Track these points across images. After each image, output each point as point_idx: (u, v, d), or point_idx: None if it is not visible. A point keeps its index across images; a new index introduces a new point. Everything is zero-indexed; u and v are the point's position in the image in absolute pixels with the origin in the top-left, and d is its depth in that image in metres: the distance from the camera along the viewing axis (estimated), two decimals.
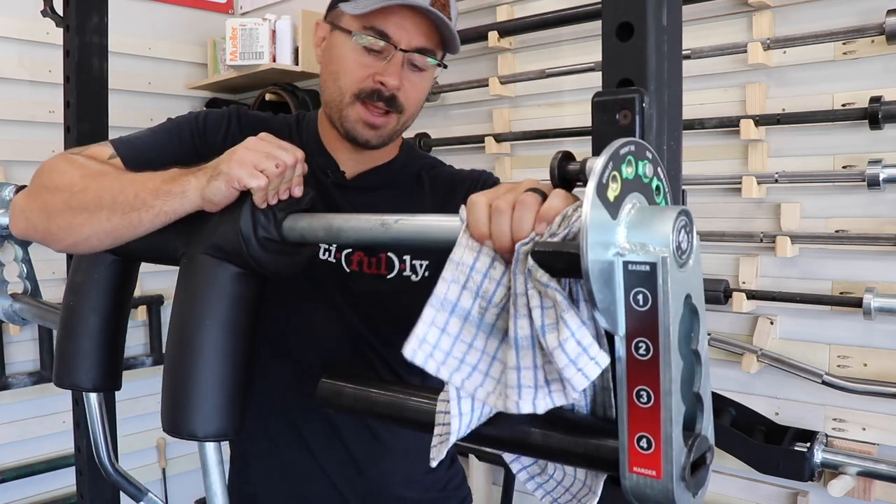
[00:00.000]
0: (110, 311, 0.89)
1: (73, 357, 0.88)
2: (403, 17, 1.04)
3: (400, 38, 1.05)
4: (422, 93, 1.11)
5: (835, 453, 1.64)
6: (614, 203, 0.50)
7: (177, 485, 2.99)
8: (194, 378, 0.71)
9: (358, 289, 1.11)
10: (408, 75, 1.07)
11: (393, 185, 1.17)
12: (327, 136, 1.18)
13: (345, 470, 1.14)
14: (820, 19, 1.69)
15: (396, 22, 1.04)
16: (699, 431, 0.53)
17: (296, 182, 0.81)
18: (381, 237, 0.64)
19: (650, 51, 0.55)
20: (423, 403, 0.73)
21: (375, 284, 1.11)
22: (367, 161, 1.17)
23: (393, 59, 1.05)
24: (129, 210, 0.82)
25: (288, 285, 1.01)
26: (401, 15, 1.04)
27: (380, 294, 1.11)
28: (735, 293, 1.77)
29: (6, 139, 2.54)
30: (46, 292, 1.51)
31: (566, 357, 0.51)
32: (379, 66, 1.05)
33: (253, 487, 1.18)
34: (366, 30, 1.05)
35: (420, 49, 1.06)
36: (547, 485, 0.65)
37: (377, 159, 1.17)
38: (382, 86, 1.05)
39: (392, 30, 1.04)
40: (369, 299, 1.11)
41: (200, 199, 0.78)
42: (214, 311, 0.73)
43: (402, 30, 1.05)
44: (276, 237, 0.72)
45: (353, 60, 1.07)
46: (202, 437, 0.72)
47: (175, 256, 0.77)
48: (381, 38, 1.05)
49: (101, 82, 1.29)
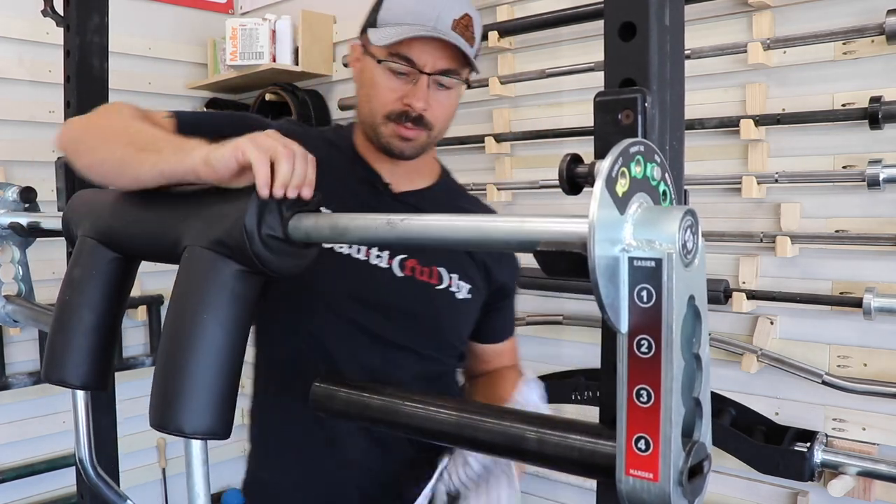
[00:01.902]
0: (106, 309, 0.88)
1: (64, 352, 0.87)
2: (426, 43, 1.12)
3: (424, 62, 1.13)
4: (449, 108, 1.19)
5: (835, 453, 1.64)
6: (622, 199, 0.50)
7: (177, 485, 2.99)
8: (187, 372, 0.71)
9: (406, 294, 1.19)
10: (435, 95, 1.16)
11: (437, 206, 1.24)
12: (365, 148, 1.26)
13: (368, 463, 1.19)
14: (820, 19, 1.69)
15: (420, 48, 1.13)
16: (697, 438, 0.53)
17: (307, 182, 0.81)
18: (387, 236, 0.64)
19: (653, 51, 0.55)
20: (414, 408, 0.73)
21: (424, 292, 1.19)
22: (407, 178, 1.25)
23: (419, 83, 1.14)
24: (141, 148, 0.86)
25: (334, 285, 1.15)
26: (424, 41, 1.12)
27: (426, 301, 1.20)
28: (735, 293, 1.77)
29: (6, 139, 2.54)
30: (45, 292, 1.51)
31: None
32: (406, 89, 1.14)
33: (269, 474, 1.26)
34: (391, 56, 1.14)
35: (444, 71, 1.14)
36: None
37: (416, 180, 1.27)
38: (410, 108, 1.14)
39: (416, 55, 1.13)
40: (415, 306, 1.20)
41: (202, 162, 0.79)
42: (212, 307, 0.72)
43: (425, 54, 1.13)
44: (280, 235, 0.72)
45: (383, 85, 1.16)
46: (189, 434, 0.71)
47: (176, 251, 0.77)
48: (407, 63, 1.13)
49: (101, 82, 1.29)
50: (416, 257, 1.19)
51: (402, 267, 1.18)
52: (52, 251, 1.88)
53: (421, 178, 1.27)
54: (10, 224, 1.26)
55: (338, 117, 2.78)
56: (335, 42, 2.76)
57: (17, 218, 1.26)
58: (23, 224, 1.25)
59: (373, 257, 1.18)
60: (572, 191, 0.57)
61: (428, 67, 1.13)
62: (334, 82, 2.79)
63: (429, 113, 1.15)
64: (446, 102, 1.17)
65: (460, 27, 1.12)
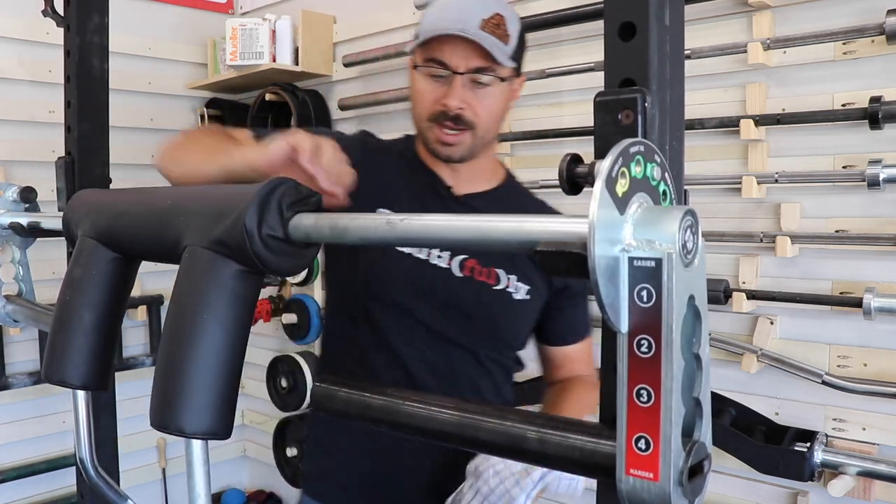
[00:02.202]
0: (106, 309, 0.88)
1: (64, 352, 0.87)
2: (456, 44, 1.17)
3: (457, 63, 1.18)
4: (491, 107, 1.22)
5: (835, 453, 1.64)
6: (622, 199, 0.50)
7: (177, 485, 2.99)
8: (187, 372, 0.71)
9: (464, 293, 1.23)
10: (473, 93, 1.20)
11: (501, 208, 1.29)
12: (426, 153, 1.31)
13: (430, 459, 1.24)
14: (820, 19, 1.69)
15: (450, 49, 1.17)
16: (697, 438, 0.53)
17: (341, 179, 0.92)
18: (387, 236, 0.64)
19: (652, 50, 0.55)
20: (415, 408, 0.73)
21: (481, 291, 1.24)
22: (469, 180, 1.30)
23: (453, 83, 1.18)
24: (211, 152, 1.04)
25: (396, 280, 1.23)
26: (454, 42, 1.16)
27: (484, 301, 1.24)
28: (735, 293, 1.77)
29: (6, 139, 2.54)
30: (46, 292, 1.51)
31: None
32: (442, 90, 1.20)
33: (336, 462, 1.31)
34: (426, 62, 1.20)
35: (477, 69, 1.18)
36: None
37: (479, 182, 1.31)
38: (446, 107, 1.19)
39: (447, 57, 1.18)
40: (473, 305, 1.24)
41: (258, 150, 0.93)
42: (212, 307, 0.72)
43: (455, 55, 1.17)
44: (280, 235, 0.72)
45: (422, 89, 1.23)
46: (190, 434, 0.71)
47: (176, 251, 0.77)
48: (440, 66, 1.19)
49: (102, 82, 1.29)
50: (476, 258, 1.24)
51: (461, 267, 1.23)
52: (52, 251, 1.88)
53: (483, 181, 1.32)
54: (10, 224, 1.26)
55: (338, 117, 2.78)
56: (335, 42, 2.76)
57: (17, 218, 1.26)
58: (23, 224, 1.24)
59: (433, 257, 1.23)
60: (572, 191, 0.57)
61: (461, 67, 1.17)
62: (334, 82, 2.79)
63: (467, 112, 1.19)
64: (487, 101, 1.20)
65: (490, 26, 1.16)
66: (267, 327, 3.00)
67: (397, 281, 1.24)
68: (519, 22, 1.24)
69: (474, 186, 1.30)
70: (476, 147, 1.24)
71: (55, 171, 1.28)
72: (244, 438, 3.32)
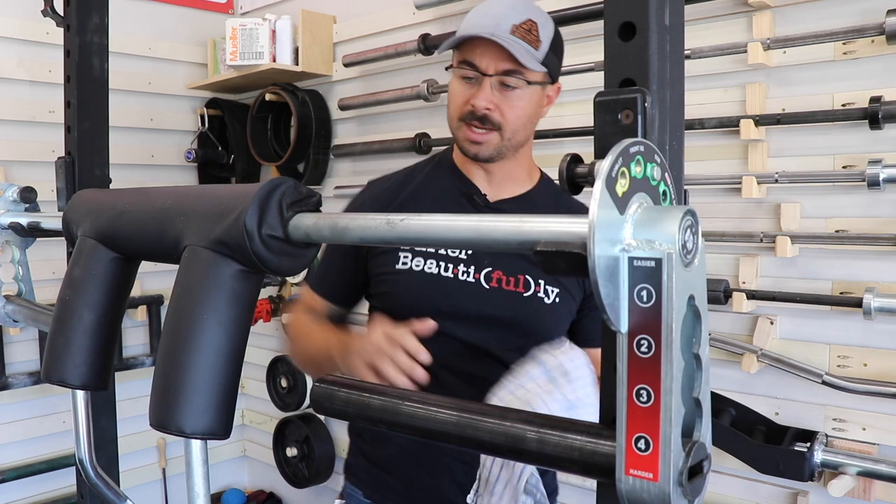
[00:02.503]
0: (106, 309, 0.88)
1: (64, 352, 0.87)
2: (486, 48, 1.22)
3: (487, 65, 1.23)
4: (519, 109, 1.27)
5: (835, 453, 1.64)
6: (622, 199, 0.50)
7: (177, 485, 2.99)
8: (187, 372, 0.71)
9: (496, 304, 1.27)
10: (501, 95, 1.25)
11: (533, 211, 1.33)
12: (461, 161, 1.37)
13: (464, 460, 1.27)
14: (820, 19, 1.69)
15: (481, 52, 1.23)
16: (697, 438, 0.53)
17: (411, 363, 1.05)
18: (387, 236, 0.64)
19: (652, 50, 0.55)
20: (415, 408, 0.73)
21: (513, 300, 1.27)
22: (503, 186, 1.35)
23: (482, 85, 1.24)
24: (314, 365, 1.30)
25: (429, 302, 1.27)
26: (485, 45, 1.22)
27: (516, 309, 1.27)
28: (735, 293, 1.77)
29: (6, 139, 2.54)
30: (45, 292, 1.51)
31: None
32: (472, 91, 1.25)
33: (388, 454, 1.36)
34: (460, 64, 1.26)
35: (505, 72, 1.23)
36: None
37: (513, 187, 1.36)
38: (474, 108, 1.24)
39: (477, 59, 1.24)
40: (506, 314, 1.28)
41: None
42: (212, 307, 0.72)
43: (485, 58, 1.23)
44: (280, 235, 0.72)
45: (456, 91, 1.29)
46: (189, 434, 0.71)
47: (176, 251, 0.77)
48: (471, 68, 1.24)
49: (101, 82, 1.29)
50: (500, 268, 1.27)
51: (487, 279, 1.27)
52: (52, 251, 1.89)
53: (517, 185, 1.36)
54: (10, 224, 1.26)
55: (337, 117, 2.78)
56: (335, 42, 2.76)
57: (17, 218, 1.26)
58: (23, 224, 1.24)
59: (460, 273, 1.27)
60: (572, 191, 0.57)
61: (490, 70, 1.23)
62: (334, 82, 2.79)
63: (495, 113, 1.24)
64: (516, 104, 1.26)
65: (520, 31, 1.21)
66: (267, 327, 3.00)
67: (430, 303, 1.27)
68: (553, 29, 1.27)
69: (508, 191, 1.34)
70: (504, 148, 1.28)
71: (55, 171, 1.28)
72: (244, 438, 3.32)
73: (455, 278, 1.27)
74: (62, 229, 0.96)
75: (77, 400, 0.95)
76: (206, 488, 0.75)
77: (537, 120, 1.33)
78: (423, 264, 1.29)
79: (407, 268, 1.30)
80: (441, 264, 1.28)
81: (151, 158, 2.93)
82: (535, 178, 1.39)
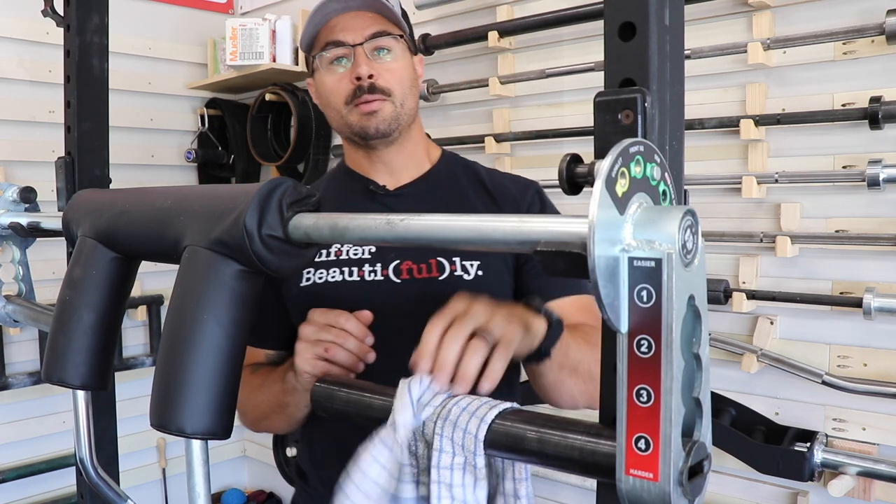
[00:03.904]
0: (106, 309, 0.88)
1: (64, 352, 0.87)
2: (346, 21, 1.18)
3: (353, 36, 1.18)
4: (400, 71, 1.21)
5: (835, 453, 1.64)
6: (622, 199, 0.50)
7: (177, 485, 2.99)
8: (187, 372, 0.71)
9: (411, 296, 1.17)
10: (379, 62, 1.19)
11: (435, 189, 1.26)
12: (353, 160, 1.31)
13: None
14: (820, 19, 1.69)
15: (340, 26, 1.18)
16: (697, 438, 0.53)
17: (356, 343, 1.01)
18: (387, 236, 0.64)
19: (652, 50, 0.55)
20: None
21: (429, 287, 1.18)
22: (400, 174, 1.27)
23: (356, 57, 1.18)
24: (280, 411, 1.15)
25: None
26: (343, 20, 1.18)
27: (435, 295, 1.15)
28: (735, 293, 1.77)
29: (6, 139, 2.54)
30: (45, 292, 1.51)
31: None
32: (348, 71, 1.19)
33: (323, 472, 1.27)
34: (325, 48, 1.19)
35: (374, 35, 1.18)
36: None
37: (412, 171, 1.28)
38: (358, 80, 1.17)
39: (340, 35, 1.18)
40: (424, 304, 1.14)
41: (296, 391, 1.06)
42: (212, 307, 0.72)
43: (347, 30, 1.18)
44: (280, 235, 0.72)
45: (330, 80, 1.21)
46: (190, 434, 0.71)
47: (176, 251, 0.77)
48: (336, 45, 1.18)
49: (101, 82, 1.29)
50: (409, 258, 1.18)
51: (397, 273, 1.18)
52: (52, 251, 1.88)
53: (416, 167, 1.28)
54: (10, 224, 1.26)
55: None
56: None
57: (17, 218, 1.26)
58: (23, 224, 1.24)
59: (366, 274, 1.18)
60: (572, 191, 0.57)
61: (358, 38, 1.17)
62: None
63: (380, 80, 1.18)
64: (394, 65, 1.20)
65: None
66: None
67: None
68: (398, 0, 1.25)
69: (408, 176, 1.27)
70: (399, 118, 1.21)
71: (55, 171, 1.28)
72: (244, 438, 3.32)
73: (361, 280, 1.18)
74: (62, 229, 0.96)
75: (77, 400, 0.95)
76: (206, 488, 0.74)
77: (418, 90, 1.27)
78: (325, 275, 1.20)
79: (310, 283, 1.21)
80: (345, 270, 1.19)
81: (151, 158, 2.93)
82: (436, 155, 1.31)
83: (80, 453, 0.95)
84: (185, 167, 3.03)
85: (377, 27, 1.18)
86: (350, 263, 1.20)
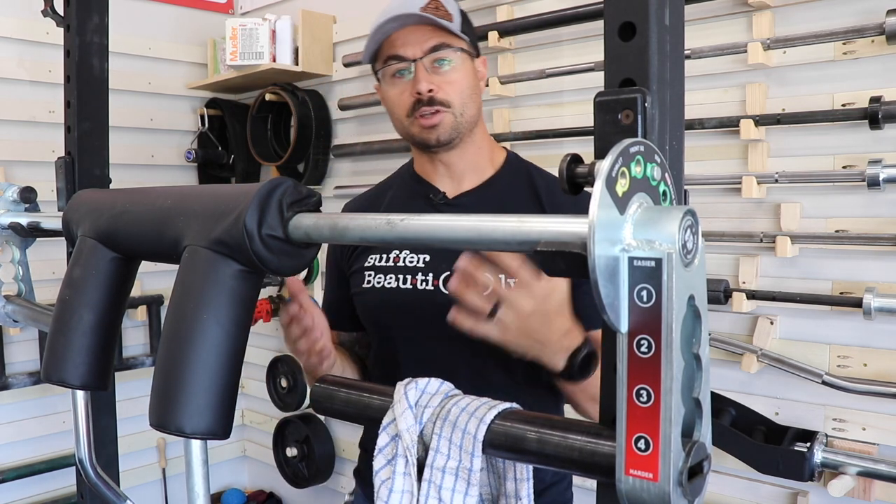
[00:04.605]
0: (106, 309, 0.88)
1: (64, 352, 0.87)
2: (405, 35, 1.22)
3: (412, 51, 1.23)
4: (460, 83, 1.25)
5: (835, 453, 1.64)
6: (622, 199, 0.50)
7: (177, 485, 2.99)
8: (187, 372, 0.71)
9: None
10: (438, 74, 1.24)
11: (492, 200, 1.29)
12: (419, 164, 1.36)
13: None
14: (820, 19, 1.69)
15: (401, 41, 1.23)
16: (697, 438, 0.53)
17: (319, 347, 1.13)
18: (387, 236, 0.64)
19: (652, 50, 0.55)
20: None
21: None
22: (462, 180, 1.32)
23: (416, 71, 1.23)
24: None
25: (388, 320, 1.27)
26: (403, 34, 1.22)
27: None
28: (735, 293, 1.77)
29: (6, 139, 2.54)
30: (45, 292, 1.51)
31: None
32: (409, 83, 1.24)
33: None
34: (384, 63, 1.25)
35: (433, 48, 1.22)
36: None
37: (473, 178, 1.32)
38: (419, 94, 1.22)
39: (400, 49, 1.23)
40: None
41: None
42: (212, 307, 0.72)
43: (407, 46, 1.23)
44: (280, 235, 0.72)
45: (392, 92, 1.27)
46: (189, 434, 0.71)
47: (176, 251, 0.77)
48: (397, 60, 1.24)
49: (101, 82, 1.29)
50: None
51: (447, 283, 1.21)
52: (52, 251, 1.88)
53: (479, 173, 1.32)
54: (10, 224, 1.26)
55: (337, 117, 2.78)
56: (335, 42, 2.76)
57: (17, 218, 1.26)
58: (23, 224, 1.24)
59: (419, 283, 1.23)
60: (572, 191, 0.57)
61: (417, 53, 1.22)
62: (334, 82, 2.79)
63: (439, 93, 1.22)
64: (454, 76, 1.24)
65: (429, 9, 1.21)
66: (267, 327, 3.00)
67: (391, 319, 1.27)
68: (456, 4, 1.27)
69: (469, 182, 1.31)
70: (460, 127, 1.25)
71: (55, 171, 1.28)
72: (244, 438, 3.32)
73: (413, 289, 1.23)
74: (62, 229, 0.96)
75: (77, 400, 0.95)
76: (206, 488, 0.74)
77: (480, 94, 1.31)
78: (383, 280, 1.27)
79: (370, 286, 1.28)
80: (399, 277, 1.25)
81: (151, 158, 2.93)
82: (500, 160, 1.35)
83: (79, 453, 0.95)
84: (185, 167, 3.03)
85: (435, 40, 1.22)
86: (405, 271, 1.26)
